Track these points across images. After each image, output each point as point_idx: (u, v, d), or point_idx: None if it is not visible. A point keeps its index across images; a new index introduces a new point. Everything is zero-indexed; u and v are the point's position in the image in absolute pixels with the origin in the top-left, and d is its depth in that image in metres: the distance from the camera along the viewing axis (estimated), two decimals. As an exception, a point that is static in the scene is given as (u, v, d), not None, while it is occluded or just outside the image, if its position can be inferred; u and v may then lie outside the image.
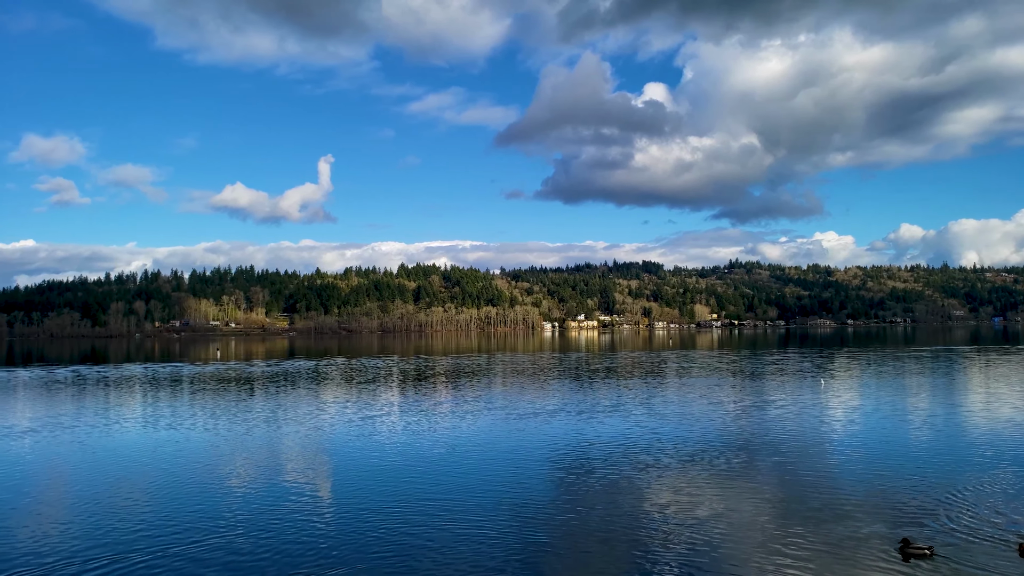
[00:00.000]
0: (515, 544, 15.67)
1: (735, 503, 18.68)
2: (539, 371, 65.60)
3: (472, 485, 21.07)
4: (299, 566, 14.47)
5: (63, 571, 14.25)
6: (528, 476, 22.17)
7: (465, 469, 23.29)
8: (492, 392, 47.20)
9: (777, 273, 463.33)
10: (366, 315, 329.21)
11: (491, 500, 19.31)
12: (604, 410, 36.82)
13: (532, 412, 36.40)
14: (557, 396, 43.80)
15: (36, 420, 35.78)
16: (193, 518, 17.95)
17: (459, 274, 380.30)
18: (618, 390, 46.98)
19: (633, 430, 30.42)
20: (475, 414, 36.02)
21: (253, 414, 37.09)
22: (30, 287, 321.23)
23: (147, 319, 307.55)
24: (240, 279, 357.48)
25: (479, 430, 31.08)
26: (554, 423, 32.72)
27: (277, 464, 24.64)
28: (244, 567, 14.46)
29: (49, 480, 22.78)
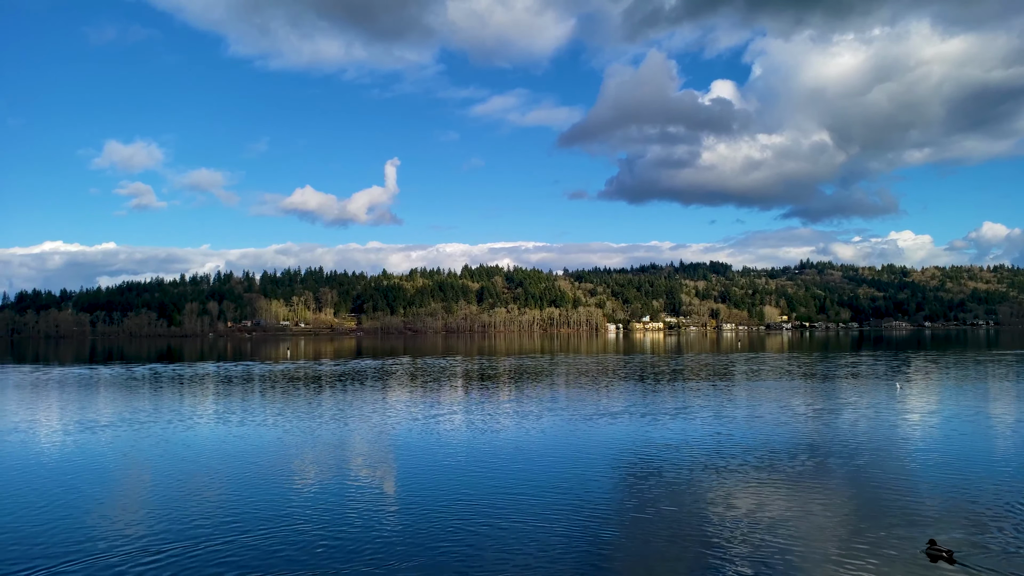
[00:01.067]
0: (581, 544, 15.50)
1: (803, 508, 18.06)
2: (603, 372, 65.08)
3: (537, 484, 20.96)
4: (365, 561, 14.64)
5: (141, 556, 14.80)
6: (593, 476, 21.94)
7: (530, 468, 23.20)
8: (555, 393, 47.02)
9: (850, 274, 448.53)
10: (430, 315, 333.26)
11: (556, 500, 19.17)
12: (670, 412, 36.22)
13: (596, 413, 36.08)
14: (621, 398, 43.32)
15: (116, 415, 37.37)
16: (262, 511, 18.39)
17: (522, 275, 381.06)
18: (684, 392, 46.17)
19: (699, 432, 29.81)
20: (539, 414, 35.92)
21: (321, 412, 37.87)
22: (111, 288, 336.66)
23: (220, 319, 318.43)
24: (309, 280, 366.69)
25: (543, 430, 30.96)
26: (619, 424, 32.34)
27: (344, 460, 25.05)
28: (311, 560, 14.71)
29: (128, 471, 23.71)
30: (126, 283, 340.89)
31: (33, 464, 24.76)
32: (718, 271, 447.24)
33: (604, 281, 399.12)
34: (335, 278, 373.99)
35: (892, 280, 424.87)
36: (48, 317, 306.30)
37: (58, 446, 28.34)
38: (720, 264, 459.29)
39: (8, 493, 20.60)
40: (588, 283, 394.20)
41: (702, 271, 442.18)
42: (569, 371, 67.59)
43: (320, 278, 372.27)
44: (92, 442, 29.10)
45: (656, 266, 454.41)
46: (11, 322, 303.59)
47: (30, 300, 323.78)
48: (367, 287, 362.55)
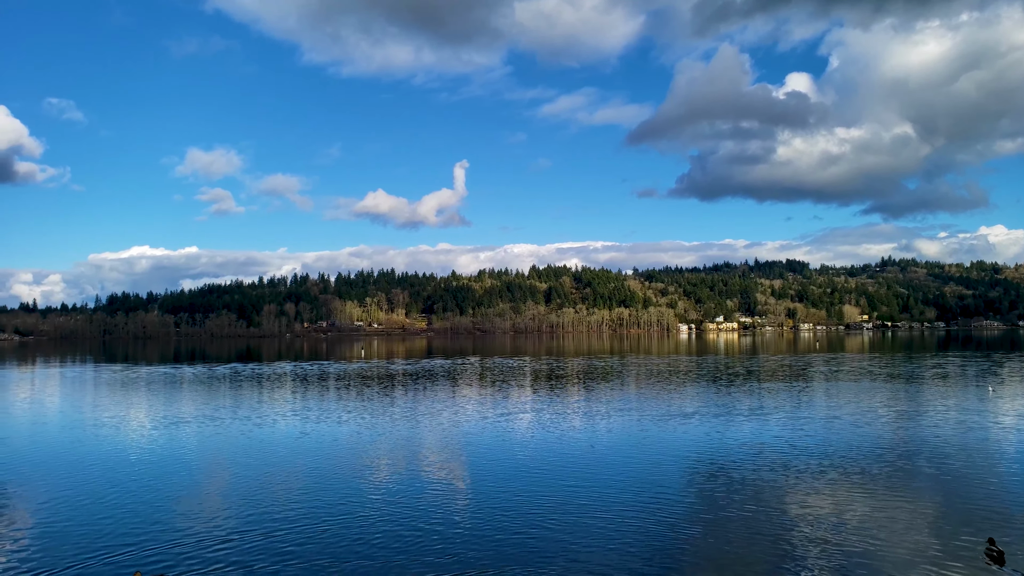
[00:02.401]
0: (653, 545, 15.15)
1: (884, 512, 17.18)
2: (675, 373, 63.94)
3: (608, 484, 20.65)
4: (436, 559, 14.66)
5: (219, 544, 15.22)
6: (665, 477, 21.47)
7: (601, 468, 22.89)
8: (626, 393, 46.41)
9: (935, 271, 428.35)
10: (499, 316, 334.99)
11: (628, 500, 18.83)
12: (744, 413, 35.22)
13: (668, 414, 35.40)
14: (694, 398, 42.40)
15: (198, 412, 38.79)
16: (335, 505, 18.70)
17: (590, 275, 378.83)
18: (759, 393, 44.86)
19: (775, 434, 28.86)
20: (609, 414, 35.48)
21: (394, 410, 38.39)
22: (193, 290, 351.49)
23: (297, 320, 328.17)
24: (382, 281, 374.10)
25: (614, 430, 30.55)
26: (692, 425, 31.63)
27: (416, 458, 25.26)
28: (382, 554, 14.82)
29: (209, 465, 24.50)
30: (208, 286, 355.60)
31: (122, 457, 25.88)
32: (795, 269, 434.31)
33: (676, 280, 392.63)
34: (406, 279, 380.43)
35: (982, 277, 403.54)
36: (136, 318, 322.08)
37: (145, 440, 29.57)
38: (797, 262, 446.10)
39: (98, 483, 21.57)
40: (659, 283, 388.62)
41: (778, 269, 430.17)
42: (639, 372, 66.69)
43: (392, 279, 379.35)
44: (176, 437, 30.24)
45: (730, 265, 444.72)
46: (103, 323, 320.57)
47: (120, 302, 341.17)
48: (437, 288, 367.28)
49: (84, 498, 19.92)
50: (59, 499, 19.90)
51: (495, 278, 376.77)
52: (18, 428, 34.23)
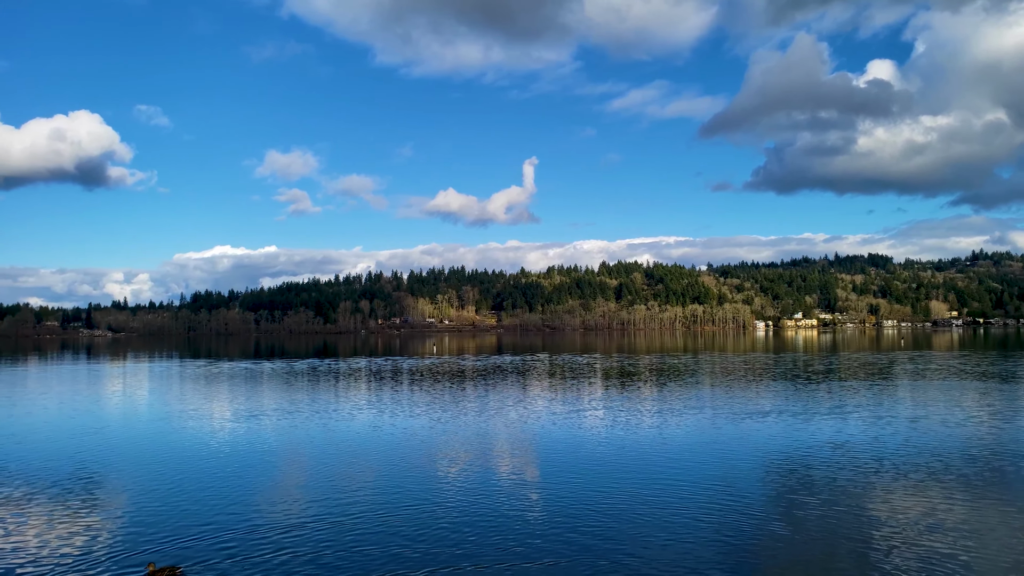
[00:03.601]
0: (728, 543, 14.77)
1: (973, 517, 16.29)
2: (751, 371, 62.36)
3: (682, 481, 20.25)
4: (507, 551, 14.67)
5: (294, 531, 15.67)
6: (741, 476, 20.91)
7: (674, 466, 22.48)
8: (700, 390, 45.50)
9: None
10: (568, 313, 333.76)
11: (702, 498, 18.43)
12: (824, 412, 34.01)
13: (744, 412, 34.52)
14: (771, 396, 41.21)
15: (278, 406, 40.04)
16: (408, 497, 18.97)
17: (662, 271, 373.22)
18: (840, 392, 43.25)
19: (857, 433, 27.75)
20: (682, 412, 34.84)
21: (465, 405, 38.70)
22: (272, 288, 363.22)
23: (371, 316, 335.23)
24: (453, 279, 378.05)
25: (687, 427, 29.98)
26: (769, 423, 30.75)
27: (487, 452, 25.38)
28: (452, 547, 14.92)
29: (287, 456, 25.21)
30: (286, 284, 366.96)
31: (206, 447, 26.94)
32: (877, 264, 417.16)
33: (752, 276, 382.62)
34: (476, 276, 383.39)
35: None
36: (218, 316, 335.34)
37: (227, 432, 30.70)
38: (880, 256, 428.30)
39: (184, 471, 22.53)
40: (734, 278, 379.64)
41: (859, 264, 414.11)
42: (714, 369, 65.33)
43: (462, 277, 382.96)
44: (256, 429, 31.27)
45: (808, 259, 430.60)
46: (187, 320, 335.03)
47: (203, 300, 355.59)
48: (506, 285, 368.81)
49: (171, 485, 20.83)
50: (149, 486, 20.87)
51: (564, 275, 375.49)
52: (112, 420, 36.02)
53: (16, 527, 16.81)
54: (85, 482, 21.48)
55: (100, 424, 33.99)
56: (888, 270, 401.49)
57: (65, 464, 24.19)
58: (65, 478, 22.02)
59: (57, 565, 14.15)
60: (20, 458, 25.44)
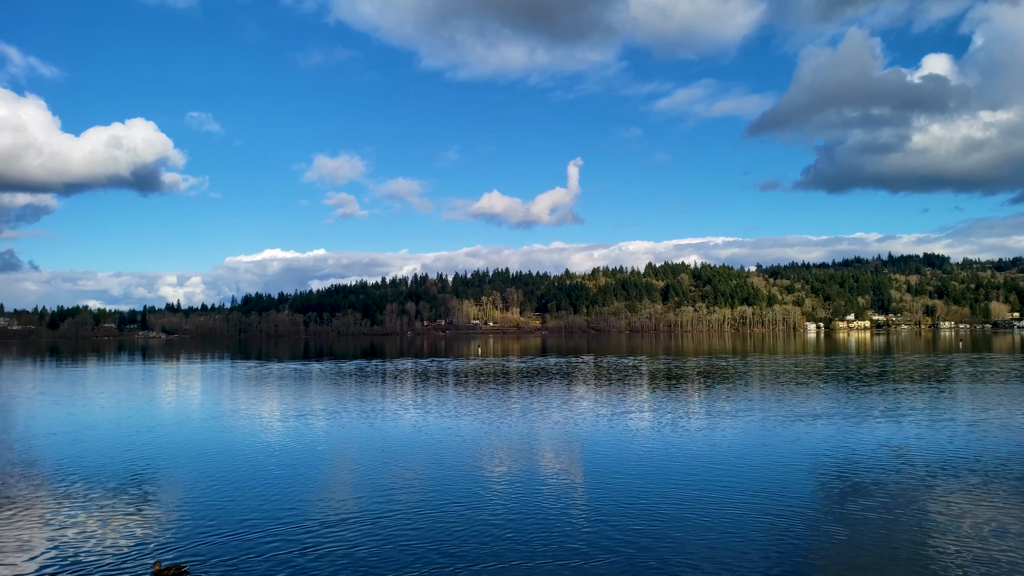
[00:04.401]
0: (778, 546, 14.37)
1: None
2: (802, 373, 60.96)
3: (731, 485, 19.82)
4: (552, 550, 14.53)
5: (343, 526, 15.78)
6: (792, 480, 20.37)
7: (723, 469, 22.03)
8: (749, 393, 44.61)
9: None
10: (614, 315, 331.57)
11: (752, 502, 18.00)
12: (878, 415, 33.01)
13: (795, 415, 33.70)
14: (823, 399, 40.17)
15: (326, 406, 40.56)
16: (454, 496, 19.00)
17: (710, 272, 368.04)
18: (895, 395, 41.94)
19: (912, 437, 26.85)
20: (731, 414, 34.19)
21: (510, 406, 38.62)
22: (320, 291, 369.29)
23: (417, 318, 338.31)
24: (497, 281, 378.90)
25: (736, 430, 29.39)
26: (820, 427, 29.95)
27: (533, 453, 25.25)
28: (497, 545, 14.84)
29: (336, 454, 25.47)
30: (334, 286, 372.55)
31: (256, 445, 27.41)
32: (933, 264, 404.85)
33: (802, 277, 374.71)
34: (520, 278, 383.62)
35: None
36: (268, 318, 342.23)
37: (277, 430, 31.19)
38: (936, 256, 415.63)
39: (236, 468, 22.94)
40: (784, 279, 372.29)
41: (914, 264, 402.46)
42: (764, 372, 64.06)
43: (506, 278, 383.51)
44: (305, 428, 31.70)
45: (861, 260, 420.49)
46: (238, 322, 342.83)
47: (253, 303, 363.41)
48: (550, 287, 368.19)
49: (219, 482, 21.26)
50: (197, 482, 21.33)
51: (609, 276, 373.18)
52: (165, 419, 36.92)
53: (70, 520, 17.27)
54: (136, 478, 22.02)
55: (154, 423, 34.85)
56: (945, 270, 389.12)
57: (118, 461, 24.83)
58: (117, 474, 22.60)
59: (104, 555, 14.48)
60: (77, 455, 26.22)
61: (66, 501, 19.30)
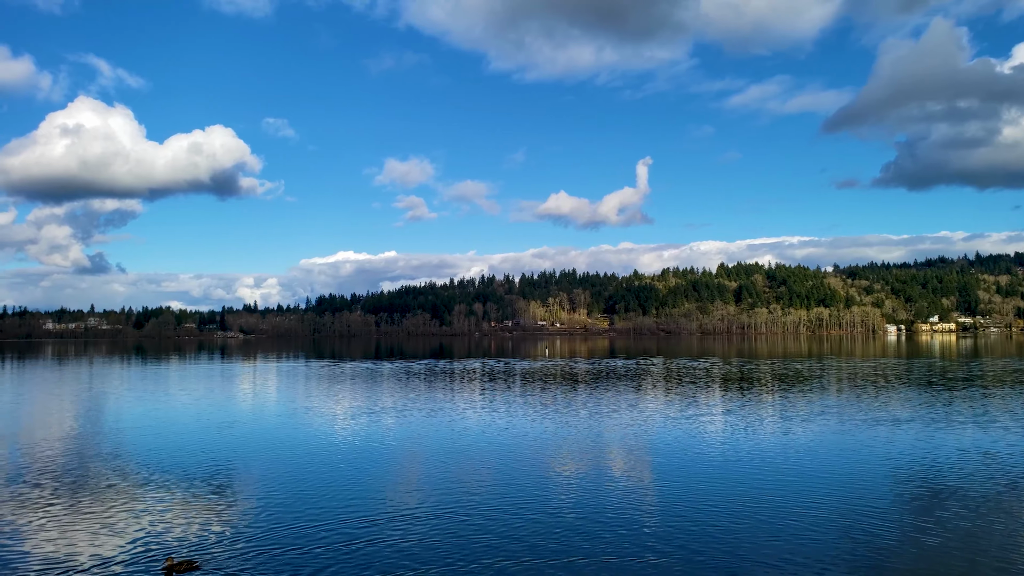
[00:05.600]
0: (858, 555, 13.75)
1: None
2: (882, 377, 58.55)
3: (807, 490, 19.14)
4: (621, 547, 14.33)
5: (412, 522, 15.92)
6: (872, 487, 19.53)
7: (798, 474, 21.31)
8: (826, 396, 43.07)
9: None
10: (684, 316, 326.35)
11: (828, 507, 17.36)
12: (964, 420, 31.38)
13: (875, 419, 32.37)
14: (906, 403, 38.46)
15: (397, 404, 41.19)
16: (518, 492, 18.97)
17: (785, 272, 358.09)
18: (983, 400, 39.80)
19: (1000, 445, 25.40)
20: (807, 418, 33.08)
21: (578, 407, 38.37)
22: (391, 292, 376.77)
23: (484, 319, 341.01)
24: (563, 282, 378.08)
25: (812, 434, 28.41)
26: (902, 431, 28.67)
27: (600, 454, 25.01)
28: (562, 543, 14.70)
29: (405, 451, 25.80)
30: (404, 287, 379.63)
31: (325, 442, 28.03)
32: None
33: (882, 277, 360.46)
34: (587, 279, 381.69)
35: None
36: (341, 318, 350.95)
37: (349, 428, 31.82)
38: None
39: (306, 463, 23.48)
40: (863, 279, 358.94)
41: (1004, 264, 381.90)
42: (841, 375, 61.84)
43: (573, 279, 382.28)
44: (374, 425, 32.24)
45: (945, 259, 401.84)
46: (313, 322, 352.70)
47: (327, 303, 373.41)
48: (618, 288, 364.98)
49: (294, 474, 21.82)
50: (268, 476, 21.94)
51: (680, 277, 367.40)
52: (244, 415, 38.15)
53: (147, 511, 17.96)
54: (211, 472, 22.77)
55: (231, 419, 36.04)
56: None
57: (194, 454, 25.75)
58: (193, 467, 23.43)
59: (180, 546, 14.98)
60: (158, 448, 27.32)
61: (143, 491, 20.07)
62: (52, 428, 33.09)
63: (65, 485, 20.89)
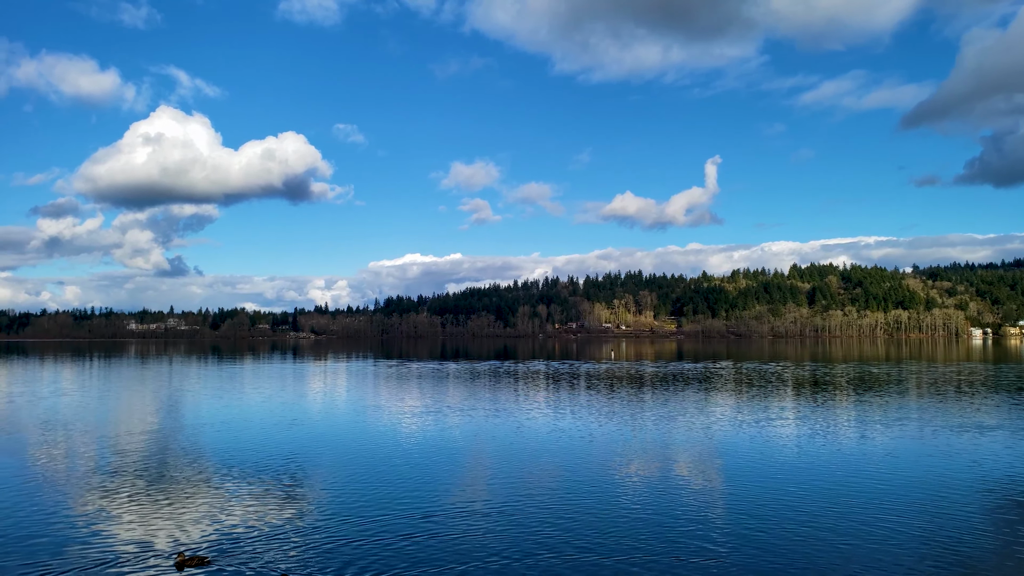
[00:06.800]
0: (940, 562, 12.96)
1: None
2: (967, 383, 55.78)
3: (885, 496, 18.31)
4: (687, 547, 13.96)
5: (475, 520, 15.91)
6: (955, 495, 18.51)
7: (876, 482, 20.39)
8: (905, 402, 41.24)
9: None
10: (755, 319, 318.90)
11: (908, 513, 16.52)
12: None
13: (959, 426, 30.82)
14: (994, 410, 36.48)
15: (462, 404, 41.47)
16: (586, 490, 18.74)
17: (861, 273, 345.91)
18: (1082, 408, 37.38)
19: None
20: (885, 423, 31.72)
21: (644, 410, 37.80)
22: (456, 294, 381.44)
23: (548, 321, 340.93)
24: (629, 283, 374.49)
25: (890, 440, 27.21)
26: (988, 440, 27.18)
27: (667, 455, 24.55)
28: (634, 541, 14.42)
29: (468, 450, 25.85)
30: (469, 289, 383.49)
31: (393, 438, 28.38)
32: None
33: (966, 279, 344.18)
34: (654, 281, 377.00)
35: None
36: (408, 319, 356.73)
37: (412, 426, 32.16)
38: None
39: (372, 459, 23.79)
40: (944, 281, 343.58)
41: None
42: (922, 379, 59.20)
43: (639, 281, 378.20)
44: (441, 423, 32.48)
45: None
46: (381, 323, 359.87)
47: (395, 305, 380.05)
48: (686, 289, 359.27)
49: (362, 471, 22.14)
50: (343, 470, 22.31)
51: (750, 278, 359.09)
52: (314, 413, 39.00)
53: (216, 503, 18.46)
54: (279, 466, 23.28)
55: (301, 416, 36.88)
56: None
57: (264, 451, 26.38)
58: (263, 463, 24.00)
59: (241, 536, 15.32)
60: (230, 443, 28.17)
61: (213, 484, 20.66)
62: (135, 423, 34.52)
63: (143, 476, 21.70)
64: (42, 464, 23.93)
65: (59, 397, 47.14)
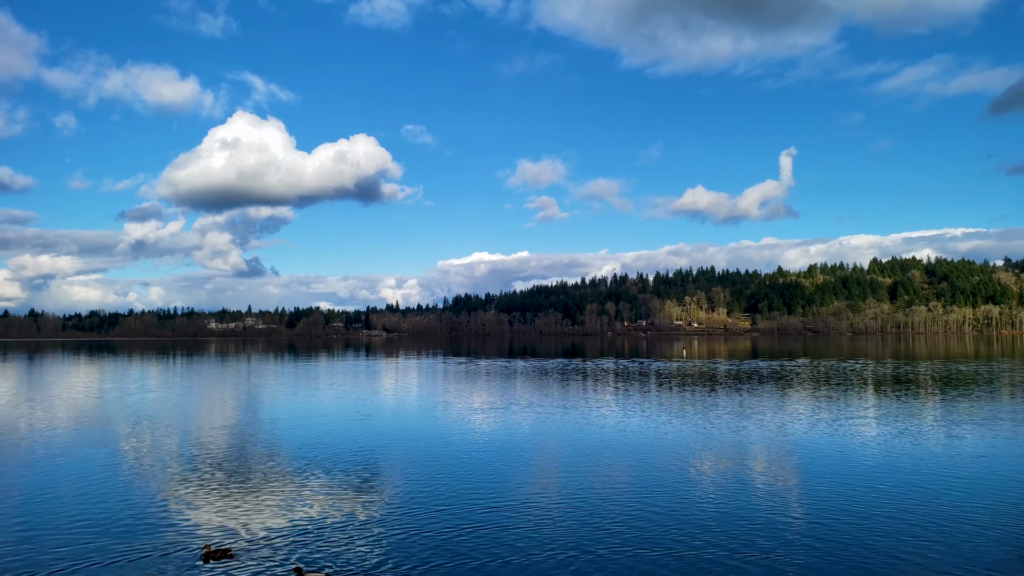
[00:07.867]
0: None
1: None
2: (1065, 380, 52.46)
3: (972, 500, 17.38)
4: (759, 545, 13.56)
5: (547, 508, 15.85)
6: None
7: (961, 480, 19.40)
8: (996, 401, 39.07)
9: None
10: (833, 315, 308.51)
11: (998, 518, 15.58)
12: None
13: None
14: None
15: (531, 400, 41.51)
16: (656, 487, 18.46)
17: (947, 267, 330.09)
18: None
19: None
20: (974, 423, 30.14)
21: (717, 409, 36.98)
22: (523, 291, 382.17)
23: (617, 318, 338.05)
24: (701, 280, 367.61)
25: (979, 440, 25.85)
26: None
27: (740, 453, 23.98)
28: (706, 537, 14.11)
29: (537, 447, 25.78)
30: (536, 287, 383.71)
31: (461, 434, 28.60)
32: None
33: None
34: (727, 277, 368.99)
35: None
36: (476, 317, 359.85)
37: (482, 421, 32.32)
38: None
39: (441, 455, 24.02)
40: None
41: None
42: (1015, 378, 56.01)
43: (711, 277, 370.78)
44: (508, 420, 32.56)
45: None
46: (450, 321, 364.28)
47: (463, 303, 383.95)
48: (761, 285, 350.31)
49: (431, 464, 22.40)
50: (412, 463, 22.61)
51: (828, 273, 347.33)
52: (385, 408, 39.67)
53: (286, 496, 18.91)
54: (351, 460, 23.75)
55: (374, 411, 37.55)
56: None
57: (338, 445, 26.97)
58: (335, 457, 24.54)
59: (312, 527, 15.62)
60: (303, 437, 28.93)
61: (286, 478, 21.19)
62: (214, 418, 35.84)
63: (220, 468, 22.50)
64: (127, 456, 25.09)
65: (145, 393, 49.36)
